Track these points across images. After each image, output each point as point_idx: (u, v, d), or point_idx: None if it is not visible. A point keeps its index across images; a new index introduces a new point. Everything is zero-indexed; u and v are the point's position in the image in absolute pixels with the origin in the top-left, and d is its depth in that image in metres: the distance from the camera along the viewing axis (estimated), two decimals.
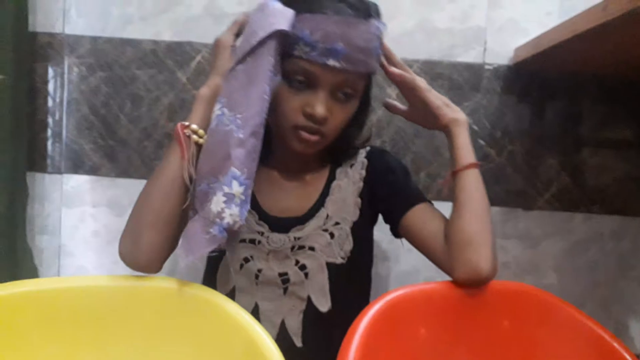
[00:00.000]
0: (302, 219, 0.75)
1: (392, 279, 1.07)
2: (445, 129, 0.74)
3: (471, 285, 0.66)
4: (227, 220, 0.61)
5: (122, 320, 0.61)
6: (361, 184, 0.78)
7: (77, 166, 1.07)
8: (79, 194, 1.08)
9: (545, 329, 0.65)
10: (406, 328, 0.61)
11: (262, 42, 0.63)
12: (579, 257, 1.07)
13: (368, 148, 0.82)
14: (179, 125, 0.64)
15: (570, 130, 1.05)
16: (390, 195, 0.77)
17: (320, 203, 0.77)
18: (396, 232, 0.78)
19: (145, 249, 0.64)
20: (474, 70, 1.04)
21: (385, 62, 0.75)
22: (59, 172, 1.07)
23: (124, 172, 1.06)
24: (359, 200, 0.78)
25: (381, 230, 0.81)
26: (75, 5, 1.04)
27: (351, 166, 0.80)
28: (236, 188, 0.62)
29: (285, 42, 0.65)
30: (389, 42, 0.75)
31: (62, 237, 1.09)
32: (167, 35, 1.04)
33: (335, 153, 0.80)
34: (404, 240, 0.77)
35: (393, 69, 0.75)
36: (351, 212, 0.77)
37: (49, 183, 1.07)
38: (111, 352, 0.60)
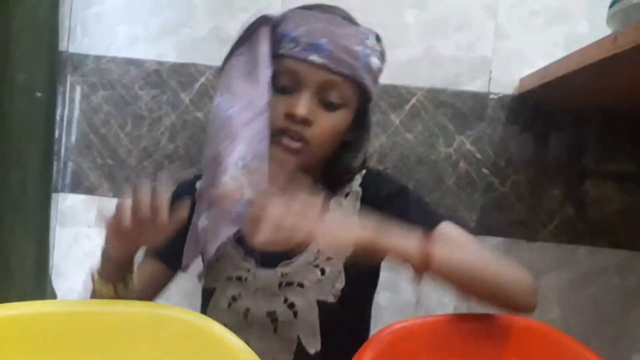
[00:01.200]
0: (291, 253, 0.70)
1: (391, 309, 1.04)
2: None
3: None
4: (247, 194, 0.61)
5: (113, 349, 0.58)
6: (355, 218, 0.73)
7: (74, 185, 1.05)
8: (74, 213, 1.06)
9: None
10: None
11: (253, 29, 0.65)
12: (583, 291, 1.04)
13: (364, 172, 0.76)
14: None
15: (574, 161, 1.04)
16: (400, 222, 0.70)
17: None
18: None
19: None
20: (479, 99, 1.04)
21: None
22: (55, 190, 1.04)
23: (122, 192, 1.04)
24: None
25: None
26: (81, 24, 1.05)
27: (346, 196, 0.74)
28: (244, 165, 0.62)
29: (273, 41, 0.65)
30: (394, 68, 0.74)
31: (54, 257, 1.06)
32: (172, 57, 1.04)
33: (329, 180, 0.74)
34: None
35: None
36: None
37: None
38: None
